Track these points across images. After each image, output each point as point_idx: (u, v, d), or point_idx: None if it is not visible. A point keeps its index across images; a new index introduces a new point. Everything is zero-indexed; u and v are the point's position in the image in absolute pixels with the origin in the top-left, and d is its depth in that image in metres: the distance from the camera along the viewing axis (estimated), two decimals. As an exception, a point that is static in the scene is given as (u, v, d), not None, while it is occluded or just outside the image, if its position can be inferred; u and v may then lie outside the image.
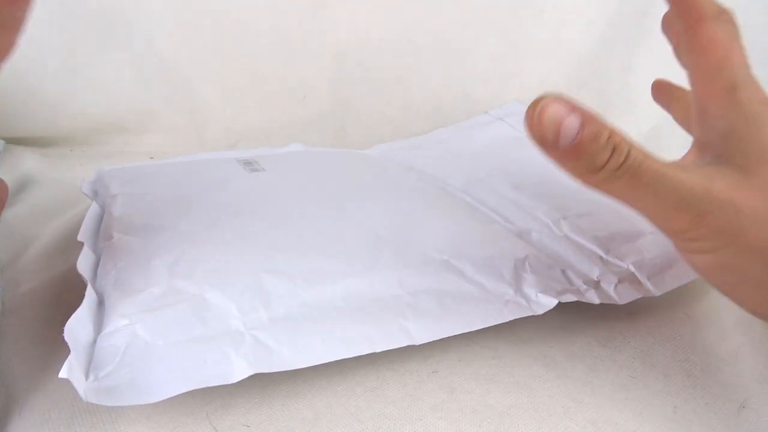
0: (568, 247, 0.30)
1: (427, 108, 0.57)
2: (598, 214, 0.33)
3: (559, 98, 0.18)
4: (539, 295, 0.26)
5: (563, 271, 0.28)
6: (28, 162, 0.46)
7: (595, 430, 0.21)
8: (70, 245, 0.33)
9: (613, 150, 0.18)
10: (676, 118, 0.29)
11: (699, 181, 0.19)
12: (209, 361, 0.20)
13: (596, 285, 0.27)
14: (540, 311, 0.25)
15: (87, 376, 0.19)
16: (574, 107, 0.18)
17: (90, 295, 0.23)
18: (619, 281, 0.28)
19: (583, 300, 0.26)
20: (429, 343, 0.23)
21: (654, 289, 0.27)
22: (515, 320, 0.25)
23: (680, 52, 0.25)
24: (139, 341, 0.21)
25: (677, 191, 0.19)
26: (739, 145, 0.21)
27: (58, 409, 0.21)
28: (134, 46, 0.51)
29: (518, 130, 0.50)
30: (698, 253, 0.21)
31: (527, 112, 0.19)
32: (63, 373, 0.18)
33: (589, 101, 0.56)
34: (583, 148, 0.18)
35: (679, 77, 0.54)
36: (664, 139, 0.47)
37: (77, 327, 0.21)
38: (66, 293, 0.29)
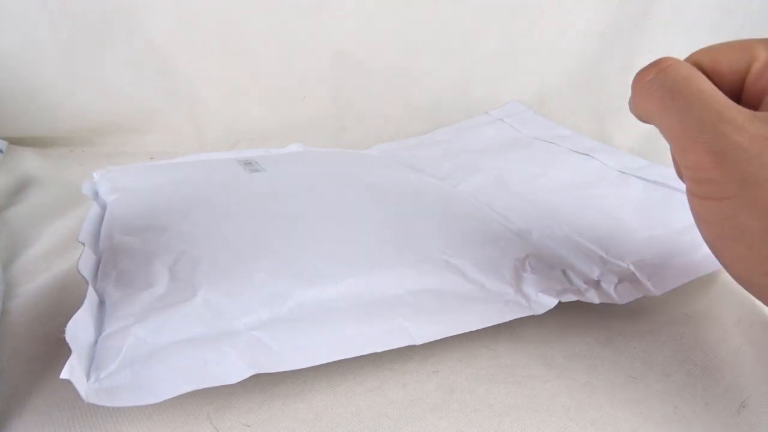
0: (568, 246, 0.30)
1: (427, 108, 0.57)
2: (598, 214, 0.33)
3: None
4: (539, 294, 0.26)
5: (563, 271, 0.28)
6: (28, 162, 0.46)
7: (595, 430, 0.21)
8: (70, 245, 0.33)
9: (656, 64, 0.21)
10: None
11: (734, 118, 0.18)
12: (210, 362, 0.20)
13: (596, 285, 0.27)
14: (540, 311, 0.25)
15: (88, 377, 0.20)
16: None
17: (91, 295, 0.23)
18: (620, 281, 0.28)
19: (584, 300, 0.26)
20: (429, 343, 0.23)
21: (654, 289, 0.27)
22: (516, 320, 0.25)
23: None
24: (139, 342, 0.21)
25: (710, 119, 0.18)
26: None
27: (59, 409, 0.21)
28: (134, 46, 0.51)
29: (518, 130, 0.50)
30: (705, 198, 0.19)
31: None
32: (64, 374, 0.18)
33: (589, 101, 0.56)
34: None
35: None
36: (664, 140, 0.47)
37: (78, 328, 0.21)
38: (66, 293, 0.29)
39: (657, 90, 0.20)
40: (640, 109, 0.22)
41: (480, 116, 0.54)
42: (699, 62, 0.22)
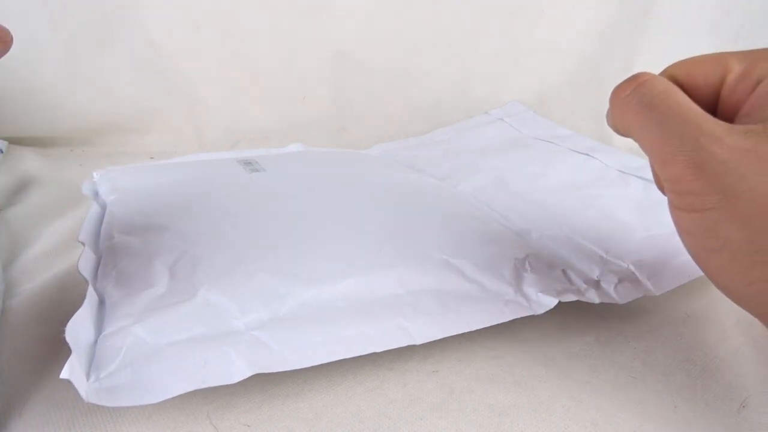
0: (568, 246, 0.30)
1: (427, 108, 0.57)
2: (598, 214, 0.33)
3: None
4: (539, 294, 0.26)
5: (563, 271, 0.28)
6: (28, 162, 0.46)
7: (595, 430, 0.21)
8: (70, 245, 0.33)
9: (634, 79, 0.21)
10: None
11: (713, 131, 0.18)
12: (210, 361, 0.20)
13: (596, 284, 0.27)
14: (540, 311, 0.25)
15: (88, 377, 0.19)
16: None
17: (91, 295, 0.23)
18: (620, 281, 0.28)
19: (584, 299, 0.26)
20: (429, 343, 0.23)
21: (654, 289, 0.27)
22: (515, 320, 0.25)
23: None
24: (139, 341, 0.21)
25: (689, 132, 0.19)
26: None
27: (59, 409, 0.21)
28: (134, 46, 0.51)
29: (518, 130, 0.50)
30: (686, 211, 0.19)
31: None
32: (64, 374, 0.18)
33: (589, 101, 0.56)
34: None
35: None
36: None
37: (78, 327, 0.21)
38: (66, 293, 0.29)
39: (636, 104, 0.21)
40: (619, 123, 0.22)
41: (480, 116, 0.54)
42: (674, 75, 0.22)
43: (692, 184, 0.19)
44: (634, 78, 0.21)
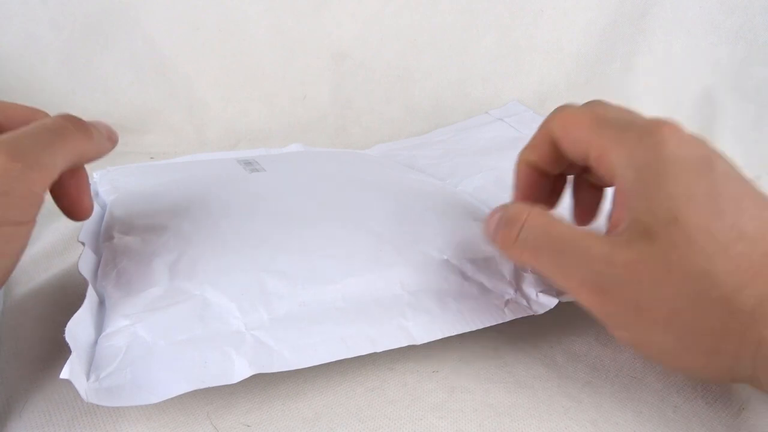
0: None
1: (427, 108, 0.57)
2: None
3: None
4: (539, 294, 0.26)
5: (563, 271, 0.28)
6: (28, 162, 0.46)
7: (595, 430, 0.21)
8: (70, 245, 0.33)
9: (513, 221, 0.22)
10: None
11: (601, 253, 0.19)
12: (210, 362, 0.20)
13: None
14: (540, 311, 0.25)
15: (88, 377, 0.20)
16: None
17: (91, 295, 0.23)
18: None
19: (584, 300, 0.26)
20: (429, 342, 0.23)
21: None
22: (516, 320, 0.25)
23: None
24: (140, 341, 0.21)
25: (582, 262, 0.19)
26: (646, 202, 0.19)
27: (59, 409, 0.21)
28: (134, 46, 0.51)
29: (518, 130, 0.50)
30: (617, 330, 0.20)
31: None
32: (64, 374, 0.18)
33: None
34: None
35: (676, 77, 0.54)
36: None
37: (78, 327, 0.21)
38: (66, 293, 0.29)
39: (525, 249, 0.21)
40: (518, 263, 0.24)
41: (480, 116, 0.54)
42: (552, 131, 0.23)
43: (606, 307, 0.19)
44: (514, 219, 0.22)
